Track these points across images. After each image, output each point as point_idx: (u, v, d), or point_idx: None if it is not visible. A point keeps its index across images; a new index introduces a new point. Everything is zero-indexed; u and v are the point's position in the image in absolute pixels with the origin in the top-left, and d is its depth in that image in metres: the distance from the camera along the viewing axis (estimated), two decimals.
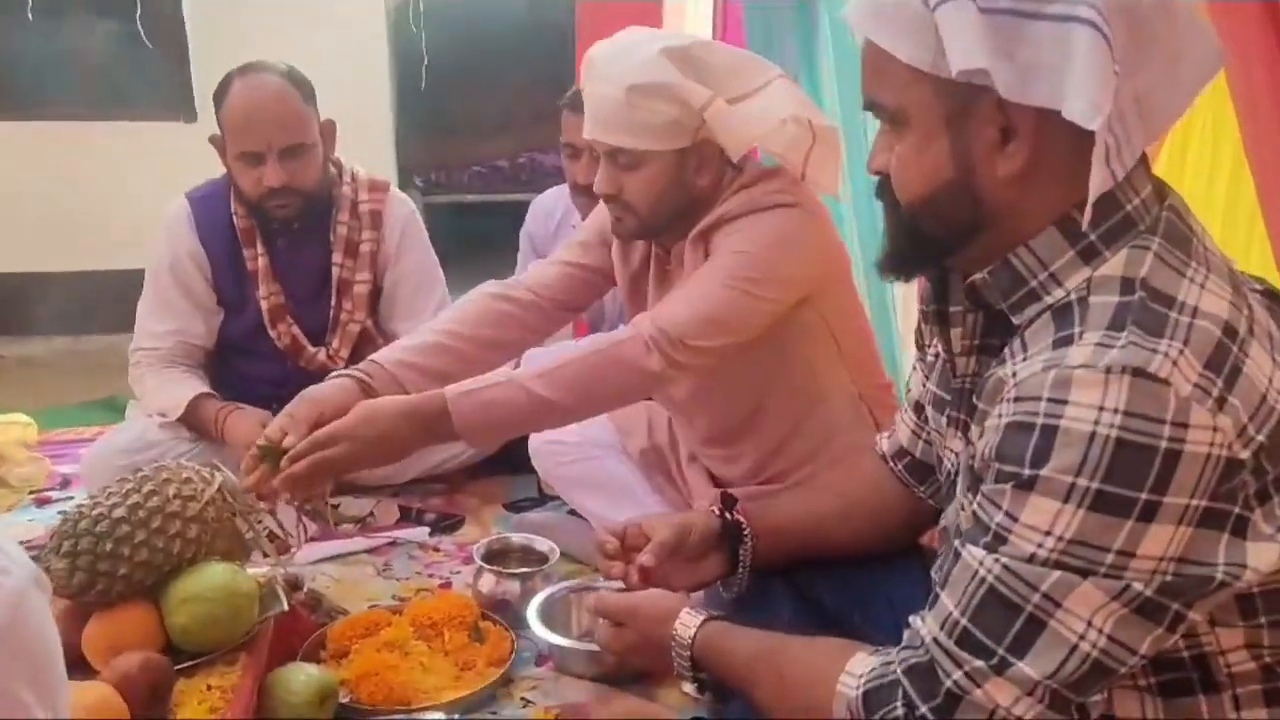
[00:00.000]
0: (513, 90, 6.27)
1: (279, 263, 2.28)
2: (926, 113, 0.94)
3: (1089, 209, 0.88)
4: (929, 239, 1.00)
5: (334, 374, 1.68)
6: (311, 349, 2.30)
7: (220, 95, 2.16)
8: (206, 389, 2.24)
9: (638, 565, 1.27)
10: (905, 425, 1.31)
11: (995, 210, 0.95)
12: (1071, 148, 0.90)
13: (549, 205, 2.67)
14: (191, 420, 2.21)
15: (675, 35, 1.65)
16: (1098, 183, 0.87)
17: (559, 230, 2.63)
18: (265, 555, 1.50)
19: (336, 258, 2.29)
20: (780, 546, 1.35)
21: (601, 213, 1.85)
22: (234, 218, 2.26)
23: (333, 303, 2.31)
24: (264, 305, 2.26)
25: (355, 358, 2.32)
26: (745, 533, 1.33)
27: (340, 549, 2.06)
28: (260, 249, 2.26)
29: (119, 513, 1.34)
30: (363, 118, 4.84)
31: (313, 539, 2.12)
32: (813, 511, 1.37)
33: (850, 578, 1.33)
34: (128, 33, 4.57)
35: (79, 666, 1.32)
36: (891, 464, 1.33)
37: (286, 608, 1.45)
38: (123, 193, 4.41)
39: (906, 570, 1.31)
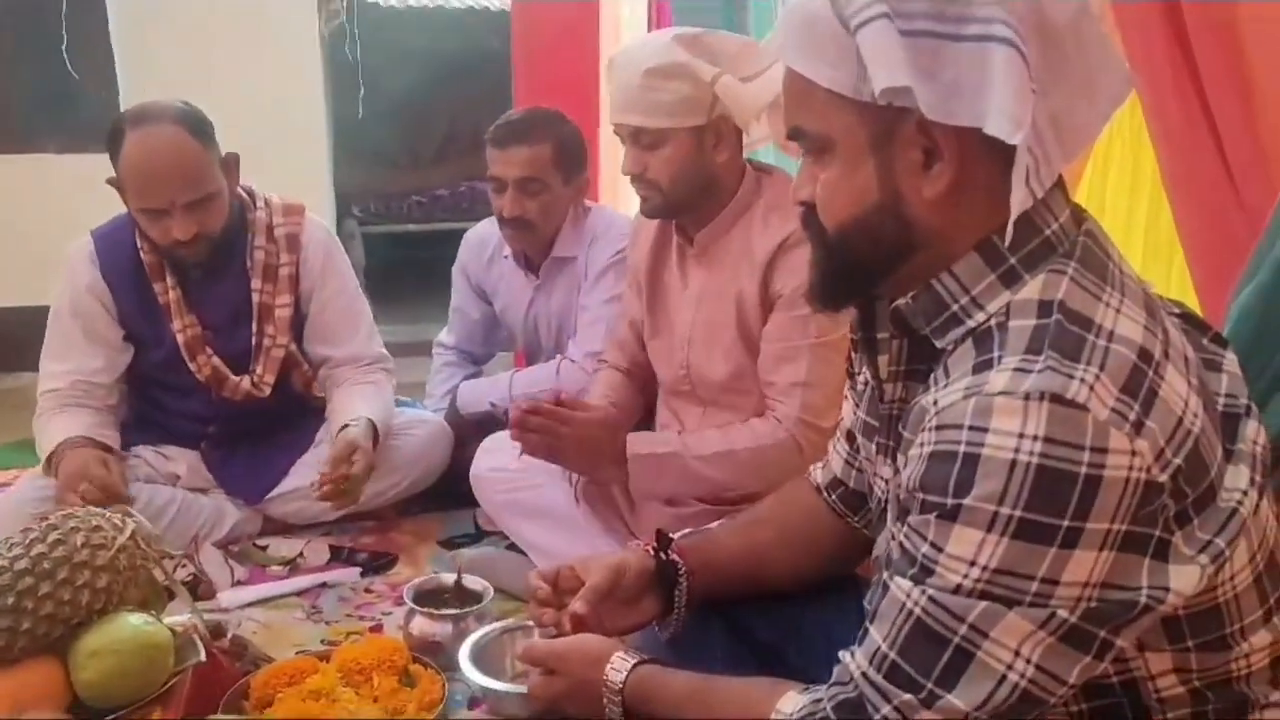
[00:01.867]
0: (451, 118, 6.26)
1: (193, 294, 2.21)
2: (851, 138, 0.94)
3: (1010, 227, 0.89)
4: (857, 265, 0.99)
5: None
6: (234, 378, 2.23)
7: (114, 146, 2.05)
8: (76, 433, 2.09)
9: (570, 613, 1.23)
10: (838, 455, 1.30)
11: (922, 233, 0.94)
12: (992, 171, 0.90)
13: (482, 236, 2.65)
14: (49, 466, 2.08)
15: (687, 28, 1.84)
16: (1018, 200, 0.88)
17: (492, 261, 2.61)
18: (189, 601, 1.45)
19: (255, 283, 2.24)
20: (717, 583, 1.32)
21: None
22: (140, 253, 2.18)
23: (254, 329, 2.24)
24: (180, 339, 2.19)
25: (281, 384, 2.27)
26: (681, 572, 1.30)
27: (268, 592, 2.01)
28: (170, 282, 2.19)
29: (21, 564, 1.28)
30: (298, 148, 4.80)
31: (239, 582, 2.07)
32: (749, 546, 1.35)
33: (785, 612, 1.31)
34: (54, 63, 4.48)
35: None
36: (826, 494, 1.32)
37: (204, 658, 1.39)
38: (49, 226, 4.29)
39: (842, 603, 1.29)
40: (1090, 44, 0.90)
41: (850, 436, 1.25)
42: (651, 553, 1.32)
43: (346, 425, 2.14)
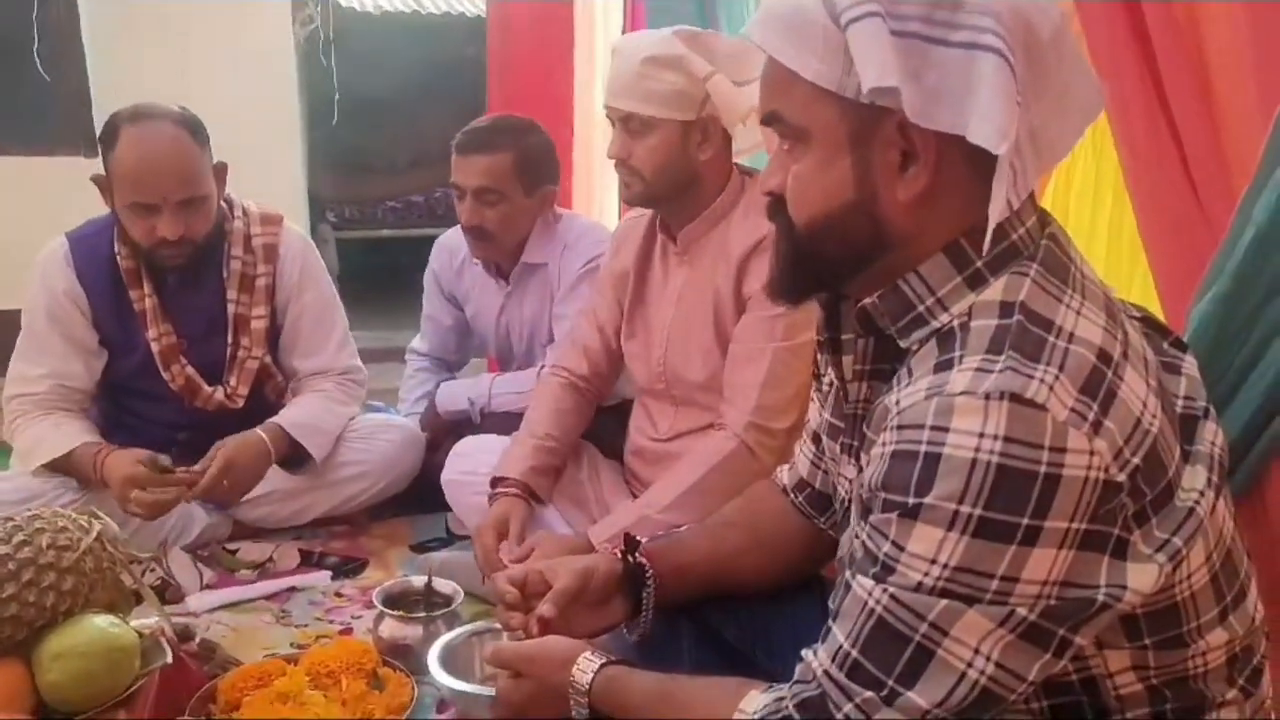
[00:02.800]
0: (426, 124, 6.22)
1: (169, 302, 2.21)
2: (830, 132, 0.94)
3: (989, 236, 0.89)
4: (824, 260, 0.99)
5: (495, 493, 1.92)
6: (208, 389, 2.23)
7: (108, 140, 2.06)
8: (89, 437, 2.12)
9: (537, 616, 1.23)
10: (805, 457, 1.31)
11: (893, 233, 0.95)
12: (966, 176, 0.91)
13: (452, 244, 2.64)
14: (69, 466, 2.10)
15: (688, 27, 1.89)
16: (998, 209, 0.88)
17: (462, 268, 2.61)
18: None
19: (231, 294, 2.24)
20: (685, 585, 1.32)
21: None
22: (117, 258, 2.17)
23: (229, 340, 2.24)
24: (155, 347, 2.18)
25: (254, 395, 2.27)
26: (648, 575, 1.30)
27: (237, 596, 2.00)
28: (147, 289, 2.18)
29: None
30: (273, 153, 4.77)
31: (209, 586, 2.06)
32: (717, 549, 1.35)
33: (752, 613, 1.31)
34: (25, 65, 4.44)
35: None
36: (792, 496, 1.33)
37: (171, 660, 1.39)
38: (18, 230, 4.25)
39: (808, 603, 1.30)
40: (1068, 59, 0.91)
41: (816, 438, 1.26)
42: (619, 556, 1.32)
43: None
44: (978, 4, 0.87)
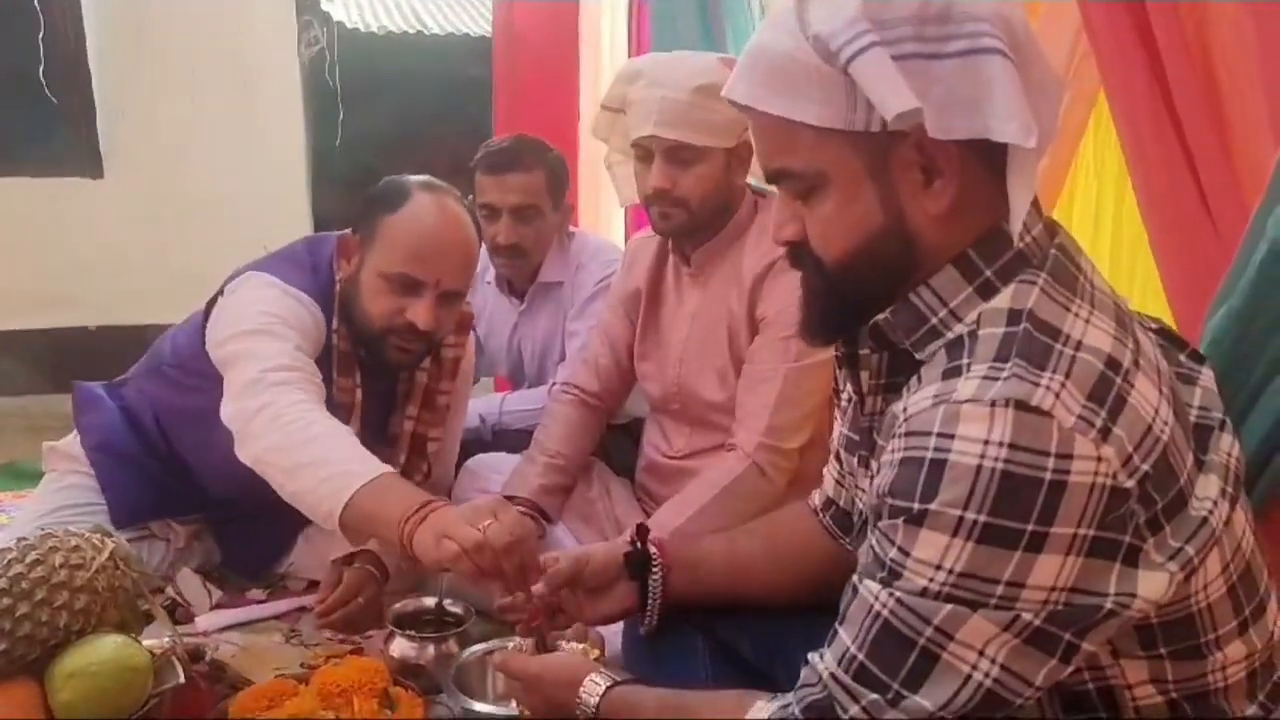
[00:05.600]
0: (432, 143, 6.25)
1: (366, 401, 1.90)
2: (845, 169, 0.94)
3: (1016, 225, 0.91)
4: (860, 292, 1.00)
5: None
6: None
7: (392, 200, 1.80)
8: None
9: (535, 595, 1.26)
10: (830, 475, 1.32)
11: (924, 249, 0.96)
12: (987, 179, 0.92)
13: None
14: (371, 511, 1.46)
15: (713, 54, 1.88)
16: (1024, 201, 0.90)
17: (473, 287, 2.60)
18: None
19: (411, 410, 1.97)
20: (697, 583, 1.33)
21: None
22: (334, 336, 1.85)
23: (402, 459, 1.96)
24: None
25: None
26: (655, 563, 1.32)
27: (247, 616, 1.99)
28: (358, 379, 1.87)
29: None
30: (277, 173, 4.80)
31: (218, 605, 2.05)
32: (733, 552, 1.36)
33: (773, 631, 1.31)
34: (30, 86, 4.46)
35: None
36: (821, 515, 1.33)
37: (183, 680, 1.38)
38: (23, 251, 4.26)
39: (830, 623, 1.30)
40: (1040, 53, 0.94)
41: (838, 455, 1.27)
42: (628, 541, 1.34)
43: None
44: (963, 12, 0.89)
